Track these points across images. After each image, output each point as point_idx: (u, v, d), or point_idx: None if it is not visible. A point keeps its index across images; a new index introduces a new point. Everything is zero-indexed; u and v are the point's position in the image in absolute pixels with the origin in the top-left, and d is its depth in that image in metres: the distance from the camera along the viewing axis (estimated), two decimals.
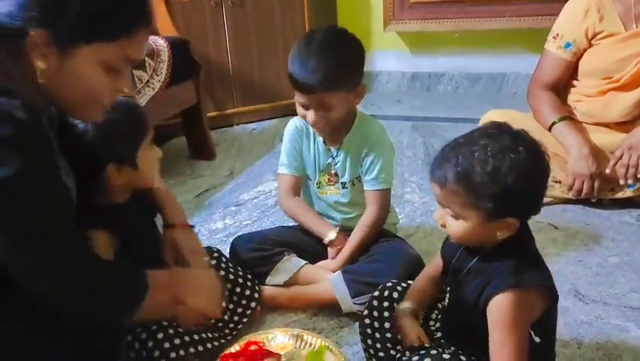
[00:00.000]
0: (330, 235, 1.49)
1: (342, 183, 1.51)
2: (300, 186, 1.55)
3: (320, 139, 1.50)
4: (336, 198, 1.53)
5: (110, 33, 0.89)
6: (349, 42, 1.36)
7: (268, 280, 1.45)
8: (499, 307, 0.91)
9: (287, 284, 1.45)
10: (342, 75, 1.32)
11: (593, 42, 1.89)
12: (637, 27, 1.82)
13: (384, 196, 1.48)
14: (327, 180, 1.52)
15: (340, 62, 1.31)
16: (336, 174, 1.51)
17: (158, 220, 1.30)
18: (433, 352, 0.99)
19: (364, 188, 1.48)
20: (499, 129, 0.94)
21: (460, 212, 0.94)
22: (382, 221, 1.51)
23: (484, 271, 0.96)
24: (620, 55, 1.83)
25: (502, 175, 0.89)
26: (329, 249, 1.50)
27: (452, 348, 1.04)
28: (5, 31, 0.84)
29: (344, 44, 1.35)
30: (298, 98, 1.37)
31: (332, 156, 1.49)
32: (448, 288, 1.05)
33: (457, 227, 0.96)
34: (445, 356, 0.97)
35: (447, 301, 1.06)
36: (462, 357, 0.99)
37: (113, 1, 0.88)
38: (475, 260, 0.98)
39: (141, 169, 1.16)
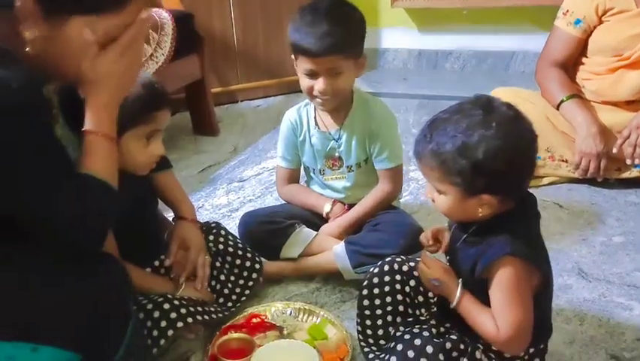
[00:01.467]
0: (326, 207, 1.51)
1: (347, 166, 1.50)
2: (296, 177, 1.58)
3: (313, 125, 1.48)
4: (342, 184, 1.52)
5: (97, 7, 0.88)
6: (353, 11, 1.39)
7: (282, 252, 1.45)
8: (499, 274, 0.92)
9: (300, 256, 1.44)
10: (351, 40, 1.35)
11: (603, 19, 1.85)
12: None
13: (398, 172, 1.51)
14: (330, 165, 1.51)
15: (349, 28, 1.33)
16: (340, 158, 1.50)
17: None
18: (426, 334, 1.00)
19: (376, 167, 1.49)
20: (474, 104, 0.93)
21: (439, 187, 0.96)
22: (394, 196, 1.53)
23: (479, 242, 0.96)
24: (630, 32, 1.80)
25: (471, 151, 0.88)
26: (330, 220, 1.51)
27: (447, 325, 1.05)
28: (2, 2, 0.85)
29: (349, 12, 1.37)
30: (305, 66, 1.35)
31: (334, 139, 1.48)
32: (447, 257, 1.06)
33: (441, 202, 0.98)
34: (436, 340, 0.98)
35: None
36: (452, 336, 1.00)
37: None
38: (470, 231, 0.99)
39: (124, 154, 1.10)
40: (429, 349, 0.97)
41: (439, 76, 3.27)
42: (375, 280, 1.16)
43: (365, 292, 1.16)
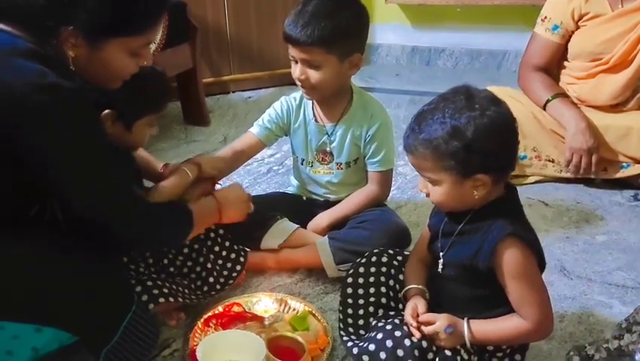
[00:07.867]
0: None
1: (337, 163, 1.50)
2: (255, 150, 1.56)
3: (312, 117, 1.48)
4: (327, 179, 1.52)
5: (138, 29, 1.03)
6: (350, 8, 1.35)
7: (263, 243, 1.45)
8: (507, 260, 0.95)
9: (280, 247, 1.45)
10: (332, 37, 1.31)
11: (579, 24, 1.87)
12: (623, 7, 1.79)
13: (388, 177, 1.51)
14: (320, 159, 1.51)
15: (333, 24, 1.30)
16: (330, 154, 1.49)
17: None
18: (406, 327, 1.01)
19: (368, 169, 1.49)
20: (455, 92, 0.98)
21: (433, 177, 0.98)
22: (383, 199, 1.53)
23: (478, 229, 0.98)
24: (606, 35, 1.81)
25: (461, 132, 0.92)
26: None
27: None
28: (42, 29, 0.95)
29: (343, 9, 1.33)
30: (290, 51, 1.36)
31: (327, 134, 1.48)
32: (441, 253, 1.06)
33: (436, 192, 0.99)
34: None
35: (440, 267, 1.06)
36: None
37: (138, 3, 1.02)
38: (464, 221, 1.00)
39: (133, 136, 1.21)
40: (407, 342, 0.97)
41: (431, 73, 3.28)
42: (361, 269, 1.17)
43: (350, 280, 1.17)
